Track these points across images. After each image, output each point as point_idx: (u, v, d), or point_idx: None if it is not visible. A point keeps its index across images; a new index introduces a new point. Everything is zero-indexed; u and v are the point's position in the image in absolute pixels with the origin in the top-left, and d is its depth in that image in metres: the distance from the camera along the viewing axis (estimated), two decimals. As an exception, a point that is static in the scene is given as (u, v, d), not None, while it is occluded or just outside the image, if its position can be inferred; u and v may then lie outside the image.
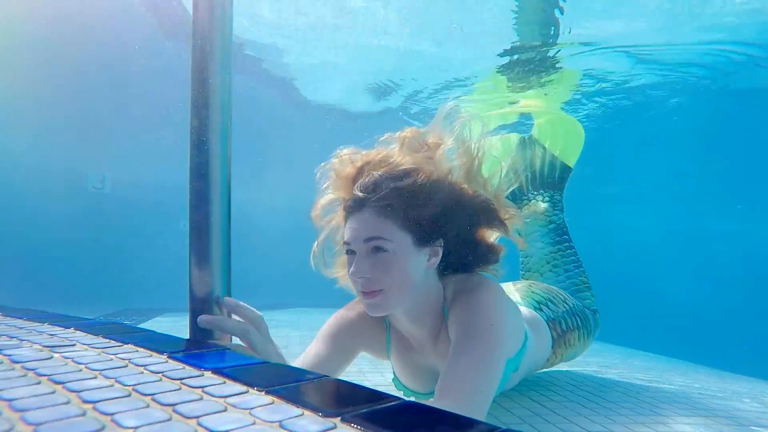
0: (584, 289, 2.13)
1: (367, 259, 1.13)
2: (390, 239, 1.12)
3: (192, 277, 0.87)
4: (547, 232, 2.24)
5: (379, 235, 1.12)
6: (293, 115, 7.62)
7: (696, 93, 5.89)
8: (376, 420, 0.49)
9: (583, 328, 1.88)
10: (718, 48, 4.53)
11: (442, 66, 4.93)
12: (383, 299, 1.13)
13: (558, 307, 1.80)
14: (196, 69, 0.88)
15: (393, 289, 1.13)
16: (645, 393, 2.12)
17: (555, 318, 1.75)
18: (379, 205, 1.12)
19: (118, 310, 5.38)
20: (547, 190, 2.36)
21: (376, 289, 1.12)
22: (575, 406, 1.75)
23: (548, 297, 1.81)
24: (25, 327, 0.86)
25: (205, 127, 0.87)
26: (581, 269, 2.18)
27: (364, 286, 1.13)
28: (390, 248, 1.12)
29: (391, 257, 1.12)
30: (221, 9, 0.89)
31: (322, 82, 6.17)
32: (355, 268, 1.12)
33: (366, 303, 1.15)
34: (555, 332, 1.72)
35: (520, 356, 1.39)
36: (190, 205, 0.88)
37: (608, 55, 4.42)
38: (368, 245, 1.13)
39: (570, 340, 1.80)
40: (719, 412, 1.84)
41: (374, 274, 1.12)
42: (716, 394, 2.24)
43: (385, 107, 6.64)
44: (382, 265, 1.12)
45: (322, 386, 0.60)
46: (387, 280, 1.12)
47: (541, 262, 2.19)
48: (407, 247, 1.14)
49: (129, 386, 0.54)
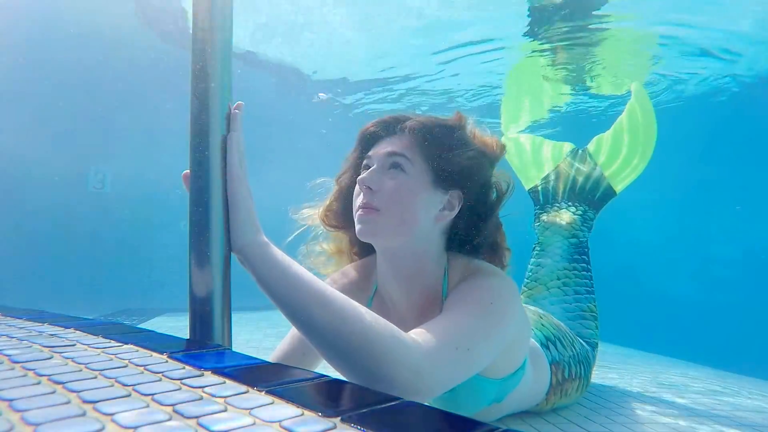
0: (590, 317, 1.98)
1: (381, 172, 1.08)
2: (412, 162, 1.08)
3: (192, 277, 0.87)
4: (568, 246, 2.10)
5: (403, 152, 1.08)
6: (290, 113, 7.63)
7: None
8: (376, 420, 0.49)
9: (584, 379, 1.72)
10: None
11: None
12: (379, 218, 1.05)
13: (566, 350, 1.62)
14: (196, 69, 0.88)
15: (394, 212, 1.06)
16: (645, 393, 2.12)
17: (559, 361, 1.56)
18: (411, 131, 1.10)
19: (118, 310, 5.38)
20: (582, 204, 2.23)
21: (376, 207, 1.06)
22: (575, 406, 1.75)
23: (558, 336, 1.63)
24: (25, 327, 0.86)
25: (205, 127, 0.87)
26: (592, 296, 2.04)
27: (367, 197, 1.06)
28: (408, 170, 1.07)
29: (407, 180, 1.07)
30: (221, 9, 0.89)
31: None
32: (367, 176, 1.07)
33: (360, 219, 1.07)
34: (555, 377, 1.53)
35: (510, 384, 1.25)
36: (190, 204, 0.88)
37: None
38: (388, 160, 1.09)
39: (567, 390, 1.62)
40: (719, 412, 1.84)
41: (382, 188, 1.06)
42: (716, 394, 2.24)
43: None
44: (393, 183, 1.06)
45: (322, 386, 0.61)
46: (391, 200, 1.06)
47: (552, 276, 2.05)
48: (425, 180, 1.08)
49: (129, 386, 0.54)
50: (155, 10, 5.34)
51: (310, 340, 0.83)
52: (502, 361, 1.19)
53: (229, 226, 0.87)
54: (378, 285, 1.22)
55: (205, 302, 0.86)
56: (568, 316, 1.95)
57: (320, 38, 5.07)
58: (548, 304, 2.00)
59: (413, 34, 4.66)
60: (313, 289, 0.83)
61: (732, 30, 4.19)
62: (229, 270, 0.89)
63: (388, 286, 1.18)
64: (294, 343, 1.21)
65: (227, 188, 0.87)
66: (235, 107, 0.91)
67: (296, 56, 5.76)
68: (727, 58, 4.84)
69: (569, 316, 1.95)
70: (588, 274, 2.08)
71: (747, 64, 5.11)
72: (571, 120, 7.05)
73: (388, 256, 1.13)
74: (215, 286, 0.87)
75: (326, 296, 0.83)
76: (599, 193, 2.24)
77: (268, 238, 0.90)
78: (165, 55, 6.11)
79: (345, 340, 0.79)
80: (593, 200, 2.24)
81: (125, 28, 5.91)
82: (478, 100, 6.33)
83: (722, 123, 7.18)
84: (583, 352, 1.76)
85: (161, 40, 5.94)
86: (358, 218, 1.08)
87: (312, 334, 0.82)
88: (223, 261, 0.88)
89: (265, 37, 5.21)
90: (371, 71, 5.87)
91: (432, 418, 0.52)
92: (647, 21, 4.05)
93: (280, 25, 4.92)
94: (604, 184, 2.25)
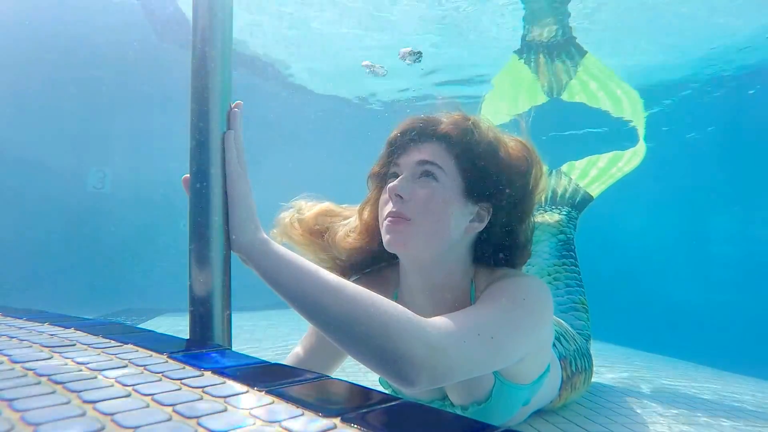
0: (582, 310, 2.03)
1: (412, 180, 1.03)
2: (445, 170, 1.02)
3: (192, 277, 0.86)
4: (556, 243, 2.17)
5: (435, 160, 1.02)
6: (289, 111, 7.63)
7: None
8: (376, 420, 0.49)
9: (588, 371, 1.73)
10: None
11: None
12: (409, 229, 1.00)
13: (570, 344, 1.63)
14: (196, 69, 0.88)
15: (425, 223, 1.01)
16: (645, 393, 2.12)
17: (566, 356, 1.56)
18: (444, 138, 1.04)
19: (118, 310, 5.38)
20: (564, 206, 2.34)
21: (407, 217, 1.00)
22: (575, 406, 1.75)
23: (561, 331, 1.63)
24: (25, 327, 0.86)
25: (205, 127, 0.87)
26: (582, 289, 2.10)
27: (397, 206, 1.01)
28: (441, 179, 1.02)
29: (439, 188, 1.02)
30: (221, 9, 0.89)
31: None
32: (397, 184, 1.01)
33: (389, 230, 1.02)
34: (565, 372, 1.54)
35: (538, 386, 1.24)
36: (190, 204, 0.88)
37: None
38: (420, 168, 1.03)
39: (576, 384, 1.62)
40: (720, 413, 1.84)
41: (413, 197, 1.01)
42: (717, 394, 2.24)
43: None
44: (425, 192, 1.01)
45: (322, 386, 0.61)
46: (423, 210, 1.00)
47: (542, 273, 2.10)
48: (457, 190, 1.04)
49: (129, 386, 0.54)
50: (156, 13, 5.34)
51: (323, 329, 0.82)
52: (532, 365, 1.17)
53: (229, 224, 0.87)
54: (398, 298, 1.18)
55: (205, 302, 0.86)
56: (561, 309, 1.99)
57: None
58: None
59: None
60: (322, 279, 0.83)
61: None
62: (229, 270, 0.89)
63: (412, 299, 1.13)
64: (313, 348, 1.21)
65: (227, 186, 0.87)
66: (235, 105, 0.91)
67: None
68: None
69: (562, 309, 1.99)
70: (576, 269, 2.14)
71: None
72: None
73: (416, 268, 1.09)
74: (215, 286, 0.87)
75: (336, 284, 0.82)
76: (578, 199, 2.38)
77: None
78: (165, 54, 6.11)
79: (360, 324, 0.78)
80: (574, 203, 2.37)
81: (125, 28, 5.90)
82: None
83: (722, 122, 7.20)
84: (583, 345, 1.78)
85: (160, 39, 5.93)
86: (386, 228, 1.02)
87: (326, 323, 0.81)
88: (223, 261, 0.87)
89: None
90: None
91: (432, 418, 0.52)
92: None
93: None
94: (581, 192, 2.40)
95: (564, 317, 1.94)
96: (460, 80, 6.45)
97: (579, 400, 1.83)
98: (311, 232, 1.19)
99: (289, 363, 1.21)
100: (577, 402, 1.81)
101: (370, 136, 1.23)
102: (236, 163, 0.87)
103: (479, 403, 1.15)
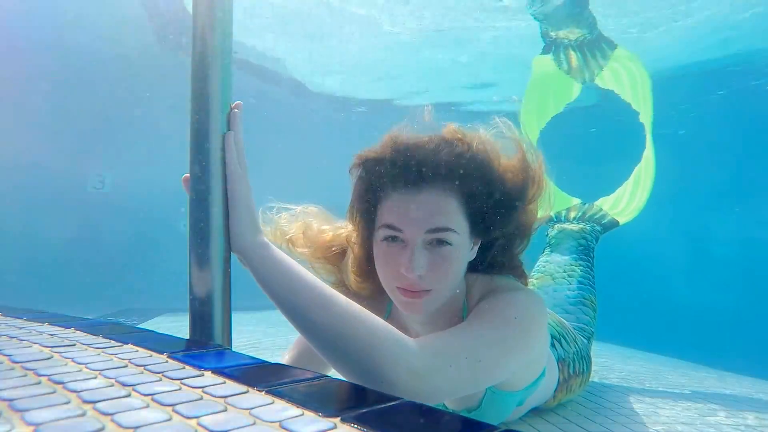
0: (589, 306, 2.03)
1: (425, 252, 0.93)
2: (457, 231, 0.94)
3: (192, 277, 0.86)
4: (576, 246, 2.26)
5: (447, 225, 0.92)
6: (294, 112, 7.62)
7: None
8: (376, 420, 0.49)
9: (586, 374, 1.73)
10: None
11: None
12: (429, 300, 0.95)
13: (570, 346, 1.61)
14: (196, 69, 0.88)
15: (443, 290, 0.96)
16: (645, 393, 2.12)
17: (565, 358, 1.55)
18: (446, 182, 0.93)
19: (118, 310, 5.38)
20: (590, 222, 2.45)
21: (426, 289, 0.94)
22: (575, 406, 1.75)
23: (562, 333, 1.62)
24: (25, 327, 0.86)
25: (204, 127, 0.87)
26: (594, 290, 2.12)
27: (413, 284, 0.94)
28: (455, 241, 0.94)
29: (453, 252, 0.94)
30: (221, 9, 0.89)
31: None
32: (413, 264, 0.91)
33: (404, 302, 0.96)
34: (562, 375, 1.52)
35: (532, 390, 1.24)
36: (190, 205, 0.88)
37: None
38: (431, 236, 0.93)
39: (572, 387, 1.62)
40: (720, 413, 1.84)
41: (432, 271, 0.93)
42: (717, 394, 2.24)
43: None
44: (443, 262, 0.93)
45: (322, 386, 0.61)
46: (443, 279, 0.94)
47: (559, 270, 2.17)
48: (466, 236, 0.97)
49: (129, 386, 0.54)
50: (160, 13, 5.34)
51: (310, 341, 0.83)
52: (525, 374, 1.17)
53: (229, 226, 0.87)
54: (392, 308, 1.17)
55: (205, 302, 0.86)
56: (569, 301, 2.02)
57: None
58: (552, 290, 2.09)
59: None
60: (314, 291, 0.83)
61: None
62: (229, 270, 0.89)
63: (404, 318, 1.12)
64: (301, 348, 1.20)
65: (227, 187, 0.87)
66: (235, 106, 0.90)
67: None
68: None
69: (570, 302, 2.02)
70: (591, 272, 2.19)
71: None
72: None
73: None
74: (215, 286, 0.87)
75: (328, 298, 0.82)
76: (605, 221, 2.49)
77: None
78: (164, 53, 6.11)
79: (346, 342, 0.78)
80: (600, 223, 2.48)
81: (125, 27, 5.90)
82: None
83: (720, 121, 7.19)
84: (584, 346, 1.78)
85: (159, 40, 5.93)
86: (401, 302, 0.97)
87: (312, 335, 0.81)
88: (223, 261, 0.87)
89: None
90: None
91: (431, 418, 0.52)
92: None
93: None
94: (609, 217, 2.51)
95: (572, 309, 1.98)
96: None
97: (579, 400, 1.83)
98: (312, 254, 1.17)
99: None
100: (577, 402, 1.81)
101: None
102: (236, 163, 0.87)
103: (470, 410, 1.17)
